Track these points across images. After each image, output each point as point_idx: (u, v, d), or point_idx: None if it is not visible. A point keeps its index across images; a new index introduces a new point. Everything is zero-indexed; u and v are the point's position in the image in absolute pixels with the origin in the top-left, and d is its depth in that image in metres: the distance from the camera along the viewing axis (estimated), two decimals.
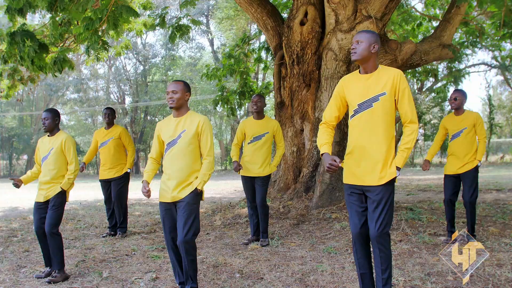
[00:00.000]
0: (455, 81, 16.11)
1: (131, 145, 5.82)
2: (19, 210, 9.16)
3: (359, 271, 2.85)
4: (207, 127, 3.21)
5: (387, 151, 2.72)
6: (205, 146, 3.22)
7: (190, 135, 3.18)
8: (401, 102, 2.73)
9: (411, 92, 14.48)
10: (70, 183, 3.91)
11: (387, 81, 2.72)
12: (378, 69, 2.78)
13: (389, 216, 2.70)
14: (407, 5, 10.54)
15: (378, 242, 2.68)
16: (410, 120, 2.74)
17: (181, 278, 3.28)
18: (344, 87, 2.87)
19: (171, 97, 3.18)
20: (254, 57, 10.88)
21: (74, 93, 31.44)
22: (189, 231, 3.07)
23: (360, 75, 2.82)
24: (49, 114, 3.90)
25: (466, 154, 4.65)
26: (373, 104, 2.72)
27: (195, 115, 3.26)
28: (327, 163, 2.67)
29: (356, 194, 2.80)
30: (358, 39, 2.76)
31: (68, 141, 3.90)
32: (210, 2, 26.58)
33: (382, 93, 2.72)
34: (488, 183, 11.20)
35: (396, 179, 2.74)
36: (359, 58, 2.74)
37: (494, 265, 3.81)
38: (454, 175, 4.74)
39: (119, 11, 5.66)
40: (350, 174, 2.82)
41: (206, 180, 3.21)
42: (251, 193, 4.97)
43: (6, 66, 8.00)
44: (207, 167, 3.21)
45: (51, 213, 3.80)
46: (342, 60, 6.51)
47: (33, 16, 17.44)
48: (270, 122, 4.98)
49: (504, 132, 32.55)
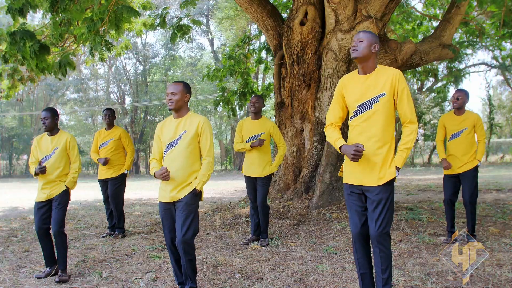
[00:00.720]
0: (455, 80, 16.12)
1: (131, 147, 5.82)
2: (19, 210, 9.17)
3: (359, 271, 2.85)
4: (207, 127, 3.21)
5: (387, 152, 2.73)
6: (204, 146, 3.22)
7: (190, 136, 3.18)
8: (400, 102, 2.73)
9: (411, 92, 14.46)
10: (74, 181, 3.99)
11: (385, 81, 2.72)
12: (377, 69, 2.79)
13: (389, 216, 2.70)
14: (407, 5, 10.55)
15: (378, 242, 2.68)
16: (410, 120, 2.74)
17: (180, 278, 3.28)
18: (343, 87, 2.87)
19: (170, 98, 3.18)
20: (254, 58, 10.89)
21: (74, 93, 31.45)
22: (188, 231, 3.07)
23: (359, 76, 2.82)
24: (48, 114, 3.92)
25: (465, 154, 4.65)
26: (373, 105, 2.73)
27: (195, 116, 3.26)
28: (351, 150, 2.65)
29: (356, 194, 2.80)
30: (359, 38, 2.77)
31: (73, 140, 4.01)
32: (210, 2, 26.59)
33: (381, 94, 2.72)
34: (488, 183, 11.20)
35: (396, 179, 2.74)
36: (360, 56, 2.74)
37: (494, 265, 3.81)
38: (454, 175, 4.75)
39: (120, 11, 5.67)
40: (350, 174, 2.82)
41: (205, 180, 3.20)
42: (253, 193, 5.01)
43: (6, 66, 8.01)
44: (207, 168, 3.21)
45: (57, 212, 3.83)
46: (342, 60, 6.51)
47: (34, 16, 17.44)
48: (266, 123, 5.02)
49: (504, 132, 32.56)
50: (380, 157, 2.71)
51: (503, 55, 18.78)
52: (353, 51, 2.76)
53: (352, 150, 2.64)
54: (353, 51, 2.76)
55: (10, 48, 5.95)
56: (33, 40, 5.79)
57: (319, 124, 6.77)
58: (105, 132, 5.78)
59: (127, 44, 9.19)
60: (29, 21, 8.85)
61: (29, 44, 5.79)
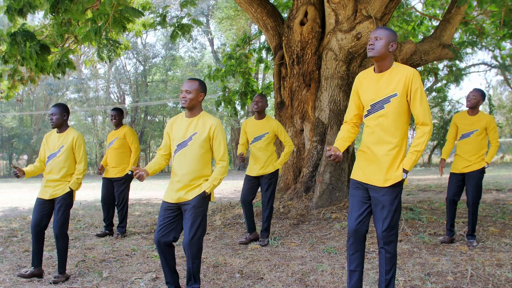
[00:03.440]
0: (455, 80, 16.10)
1: (135, 145, 5.76)
2: (19, 210, 9.17)
3: (349, 267, 2.77)
4: (219, 131, 3.11)
5: (396, 154, 2.67)
6: (218, 151, 3.13)
7: (202, 138, 3.08)
8: (413, 103, 2.64)
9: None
10: (79, 182, 3.84)
11: (399, 81, 2.64)
12: (392, 67, 2.69)
13: (396, 219, 2.65)
14: (407, 5, 10.54)
15: (384, 243, 2.66)
16: (422, 122, 2.64)
17: (167, 278, 3.17)
18: (359, 85, 2.83)
19: (184, 96, 3.07)
20: (255, 58, 10.89)
21: (74, 93, 31.45)
22: (196, 234, 3.01)
23: (374, 74, 2.75)
24: (57, 110, 3.79)
25: (473, 155, 4.62)
26: (385, 105, 2.67)
27: (208, 117, 3.14)
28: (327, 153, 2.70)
29: (361, 189, 2.77)
30: (377, 35, 2.65)
31: (79, 139, 3.83)
32: (210, 2, 26.59)
33: (393, 94, 2.64)
34: (488, 183, 11.19)
35: (405, 181, 2.69)
36: (377, 55, 2.65)
37: (494, 265, 3.80)
38: (459, 174, 4.73)
39: (125, 12, 5.67)
40: (359, 171, 2.80)
41: (216, 184, 3.11)
42: (246, 190, 4.95)
43: (6, 67, 8.01)
44: (220, 172, 3.12)
45: (60, 215, 3.72)
46: (342, 60, 6.51)
47: (33, 16, 17.44)
48: (270, 122, 4.96)
49: (504, 132, 32.52)
50: (388, 159, 2.66)
51: (503, 55, 18.77)
52: (369, 49, 2.66)
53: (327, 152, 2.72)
54: (369, 49, 2.66)
55: (11, 49, 5.95)
56: (34, 41, 5.79)
57: (319, 124, 6.77)
58: (113, 132, 5.81)
59: (126, 44, 9.20)
60: (29, 21, 8.84)
61: (29, 45, 5.79)
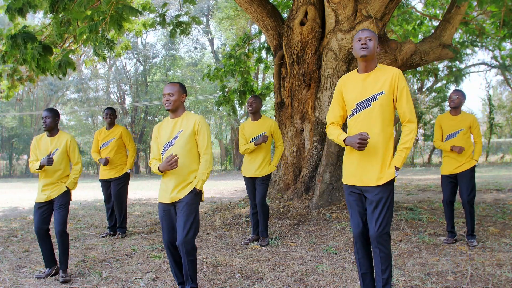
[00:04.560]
0: (455, 80, 16.10)
1: (132, 145, 5.81)
2: (19, 210, 9.17)
3: (360, 271, 2.85)
4: (203, 125, 3.22)
5: (386, 151, 2.72)
6: (202, 144, 3.22)
7: (187, 134, 3.19)
8: (399, 102, 2.73)
9: (411, 92, 14.44)
10: (75, 182, 4.01)
11: (385, 80, 2.72)
12: (377, 68, 2.78)
13: (389, 217, 2.70)
14: (407, 5, 10.54)
15: (378, 242, 2.68)
16: (409, 119, 2.73)
17: (179, 278, 3.28)
18: (343, 86, 2.87)
19: (167, 99, 3.20)
20: (255, 57, 10.89)
21: (74, 93, 31.40)
22: (189, 232, 3.07)
23: (358, 74, 2.82)
24: (50, 113, 3.92)
25: (462, 155, 4.65)
26: (371, 103, 2.72)
27: (191, 115, 3.28)
28: (356, 140, 2.62)
29: (356, 194, 2.80)
30: (367, 36, 2.73)
31: (73, 141, 4.01)
32: (210, 2, 26.58)
33: (380, 92, 2.71)
34: (488, 183, 11.19)
35: (396, 179, 2.74)
36: (370, 54, 2.72)
37: (494, 265, 3.81)
38: (451, 175, 4.75)
39: (122, 11, 5.66)
40: (349, 174, 2.82)
41: (204, 179, 3.20)
42: (253, 193, 5.02)
43: (5, 67, 8.00)
44: (205, 166, 3.21)
45: (60, 213, 3.85)
46: (342, 60, 6.51)
47: (34, 16, 17.42)
48: (266, 122, 5.01)
49: (504, 132, 32.53)
50: (379, 156, 2.70)
51: (503, 55, 18.78)
52: (363, 49, 2.71)
53: (357, 139, 2.62)
54: (363, 49, 2.71)
55: (11, 51, 5.94)
56: (35, 42, 5.78)
57: (319, 124, 6.77)
58: (106, 132, 5.77)
59: (127, 44, 9.20)
60: (29, 21, 8.84)
61: (30, 46, 5.79)
